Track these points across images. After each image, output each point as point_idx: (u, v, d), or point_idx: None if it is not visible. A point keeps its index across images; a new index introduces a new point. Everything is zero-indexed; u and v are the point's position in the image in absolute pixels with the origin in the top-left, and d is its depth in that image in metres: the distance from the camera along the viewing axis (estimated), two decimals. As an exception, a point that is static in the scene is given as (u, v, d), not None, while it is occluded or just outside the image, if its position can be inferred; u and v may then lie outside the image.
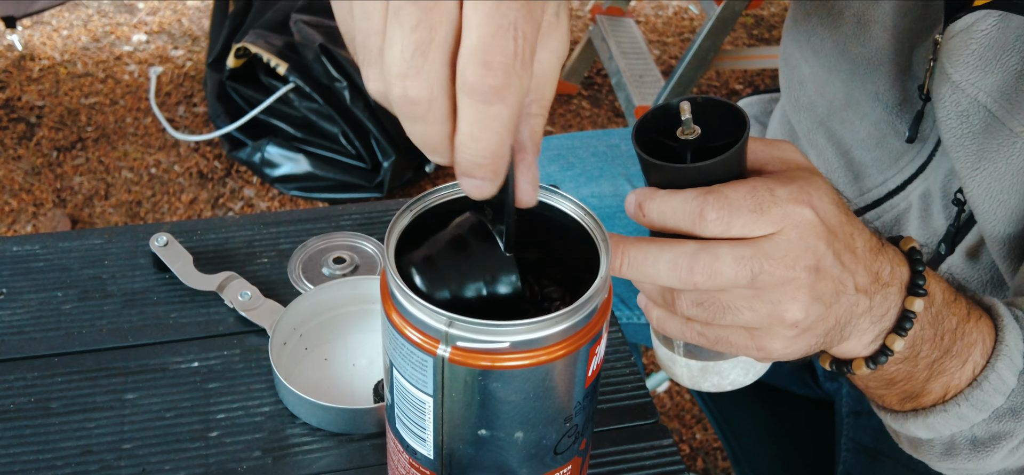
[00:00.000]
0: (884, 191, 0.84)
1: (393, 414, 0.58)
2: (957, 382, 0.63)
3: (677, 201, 0.52)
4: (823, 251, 0.53)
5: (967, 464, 0.66)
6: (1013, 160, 0.70)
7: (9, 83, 2.47)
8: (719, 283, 0.52)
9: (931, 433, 0.65)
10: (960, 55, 0.70)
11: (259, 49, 2.11)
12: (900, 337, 0.58)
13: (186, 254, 0.85)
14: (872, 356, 0.60)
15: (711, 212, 0.51)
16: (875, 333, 0.59)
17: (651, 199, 0.53)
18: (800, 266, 0.52)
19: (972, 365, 0.62)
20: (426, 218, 0.58)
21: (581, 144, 1.14)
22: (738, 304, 0.53)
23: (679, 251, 0.53)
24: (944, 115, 0.72)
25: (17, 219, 2.11)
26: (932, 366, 0.61)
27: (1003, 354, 0.62)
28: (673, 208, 0.52)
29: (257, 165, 2.17)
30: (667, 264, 0.53)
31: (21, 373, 0.77)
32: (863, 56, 0.82)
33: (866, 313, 0.57)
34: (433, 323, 0.51)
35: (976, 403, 0.63)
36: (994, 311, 0.64)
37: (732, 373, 0.62)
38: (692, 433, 1.78)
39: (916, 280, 0.58)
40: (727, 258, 0.52)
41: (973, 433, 0.64)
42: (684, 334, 0.57)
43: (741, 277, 0.52)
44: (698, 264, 0.52)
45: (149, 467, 0.71)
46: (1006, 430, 0.64)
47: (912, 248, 0.59)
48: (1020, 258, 0.73)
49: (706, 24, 2.20)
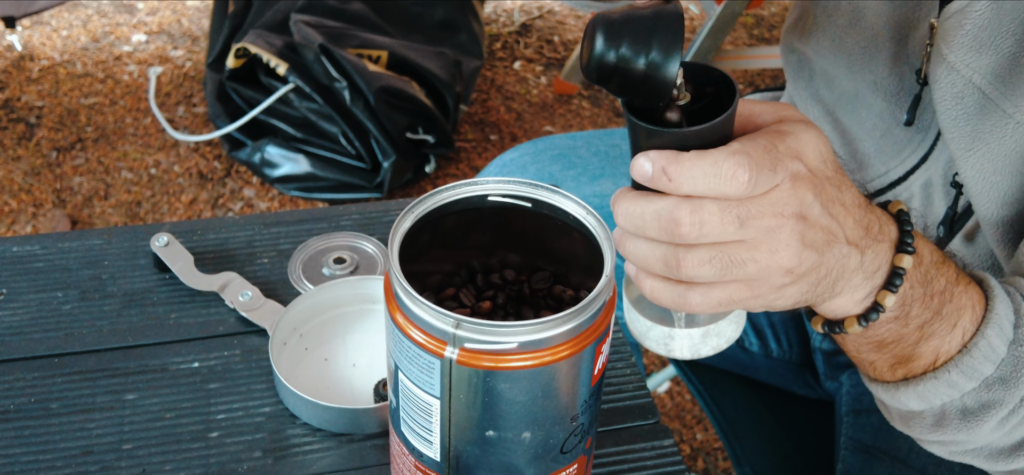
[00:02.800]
0: (887, 180, 0.84)
1: (398, 417, 0.58)
2: (947, 347, 0.63)
3: (708, 165, 0.52)
4: (810, 200, 0.54)
5: (957, 435, 0.66)
6: (1006, 141, 0.71)
7: (8, 83, 2.47)
8: (705, 233, 0.53)
9: (922, 403, 0.65)
10: (955, 36, 0.71)
11: (259, 49, 2.11)
12: (891, 293, 0.59)
13: (187, 254, 0.85)
14: (863, 314, 0.60)
15: (743, 173, 0.52)
16: (867, 290, 0.60)
17: (678, 163, 0.53)
18: (787, 213, 0.54)
19: (961, 331, 0.63)
20: (429, 219, 0.58)
21: (582, 144, 1.14)
22: (743, 256, 0.54)
23: (663, 203, 0.54)
24: (940, 97, 0.73)
25: (17, 220, 2.11)
26: (922, 328, 0.62)
27: (993, 322, 0.63)
28: (705, 172, 0.52)
29: (257, 165, 2.17)
30: (652, 215, 0.54)
31: (21, 374, 0.77)
32: (860, 46, 0.83)
33: (858, 269, 0.58)
34: (440, 325, 0.51)
35: (966, 370, 0.63)
36: (984, 282, 0.65)
37: (728, 330, 0.63)
38: (693, 433, 1.78)
39: (904, 238, 0.60)
40: (712, 207, 0.53)
41: (963, 402, 0.65)
42: (683, 302, 0.57)
43: (728, 225, 0.53)
44: (683, 214, 0.53)
45: (149, 468, 0.71)
46: (995, 399, 0.64)
47: (900, 210, 0.61)
48: (1014, 243, 0.74)
49: (706, 24, 2.20)
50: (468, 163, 2.27)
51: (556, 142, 1.17)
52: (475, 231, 0.61)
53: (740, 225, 0.53)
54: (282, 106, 2.13)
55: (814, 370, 1.03)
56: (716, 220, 0.53)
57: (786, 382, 1.07)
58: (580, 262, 0.59)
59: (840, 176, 0.57)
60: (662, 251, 0.55)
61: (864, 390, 0.94)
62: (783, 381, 1.07)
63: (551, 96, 2.52)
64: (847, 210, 0.57)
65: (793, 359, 1.05)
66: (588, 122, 2.46)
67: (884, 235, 0.59)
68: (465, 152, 2.30)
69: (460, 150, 2.29)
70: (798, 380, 1.06)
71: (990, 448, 0.68)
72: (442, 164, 2.24)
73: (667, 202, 0.54)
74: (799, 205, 0.54)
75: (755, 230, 0.54)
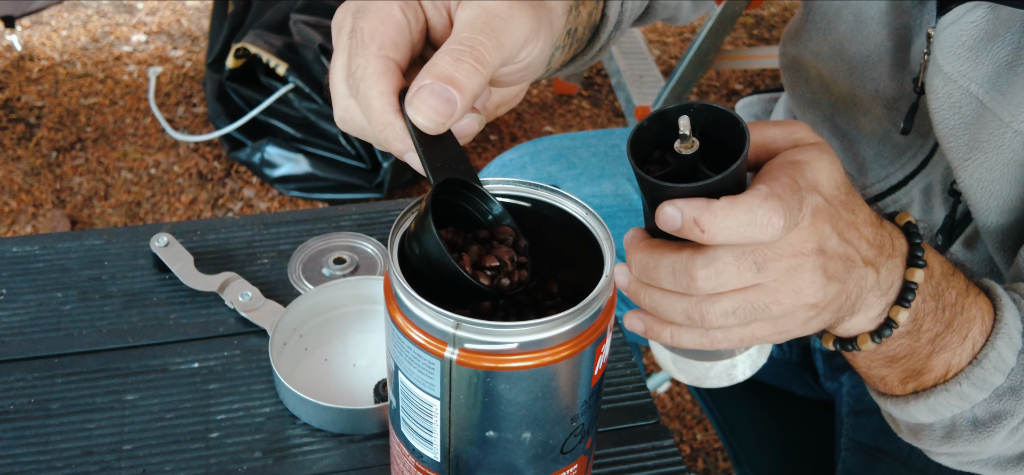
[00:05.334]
0: (887, 186, 0.84)
1: (398, 417, 0.58)
2: (958, 360, 0.63)
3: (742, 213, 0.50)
4: (828, 233, 0.53)
5: (968, 447, 0.66)
6: (1003, 150, 0.70)
7: (8, 84, 2.47)
8: (722, 283, 0.52)
9: (933, 416, 0.65)
10: (951, 47, 0.71)
11: (259, 49, 2.11)
12: (904, 309, 0.59)
13: (187, 255, 0.85)
14: (876, 330, 0.60)
15: (778, 219, 0.50)
16: (881, 307, 0.59)
17: (710, 213, 0.50)
18: (806, 251, 0.53)
19: (971, 342, 0.63)
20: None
21: (582, 144, 1.14)
22: (765, 301, 0.53)
23: (675, 257, 0.53)
24: (937, 107, 0.73)
25: (16, 220, 2.11)
26: (934, 341, 0.62)
27: (1002, 332, 0.63)
28: (739, 220, 0.50)
29: (257, 165, 2.17)
30: (667, 269, 0.53)
31: (21, 374, 0.77)
32: (861, 54, 0.83)
33: (874, 287, 0.58)
34: (440, 325, 0.51)
35: (977, 382, 0.63)
36: (992, 292, 0.65)
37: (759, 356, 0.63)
38: (693, 434, 1.78)
39: (915, 252, 0.59)
40: (727, 257, 0.52)
41: (974, 414, 0.65)
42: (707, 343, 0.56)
43: (745, 272, 0.52)
44: (697, 269, 0.52)
45: (149, 468, 0.71)
46: (1006, 410, 0.64)
47: (908, 223, 0.61)
48: (1014, 250, 0.74)
49: (706, 24, 2.20)
50: (468, 163, 2.27)
51: (556, 142, 1.17)
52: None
53: (758, 270, 0.52)
54: (282, 106, 2.13)
55: (814, 371, 1.03)
56: (732, 270, 0.52)
57: (786, 382, 1.07)
58: (580, 262, 0.59)
59: (852, 197, 0.56)
60: (684, 305, 0.54)
61: (864, 391, 0.94)
62: (783, 382, 1.07)
63: (551, 96, 2.52)
64: (861, 233, 0.56)
65: (793, 360, 1.05)
66: (588, 122, 2.46)
67: (896, 250, 0.59)
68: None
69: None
70: (798, 381, 1.06)
71: (999, 458, 0.68)
72: (442, 164, 2.24)
73: (680, 257, 0.52)
74: (818, 241, 0.53)
75: (774, 272, 0.53)
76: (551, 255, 0.61)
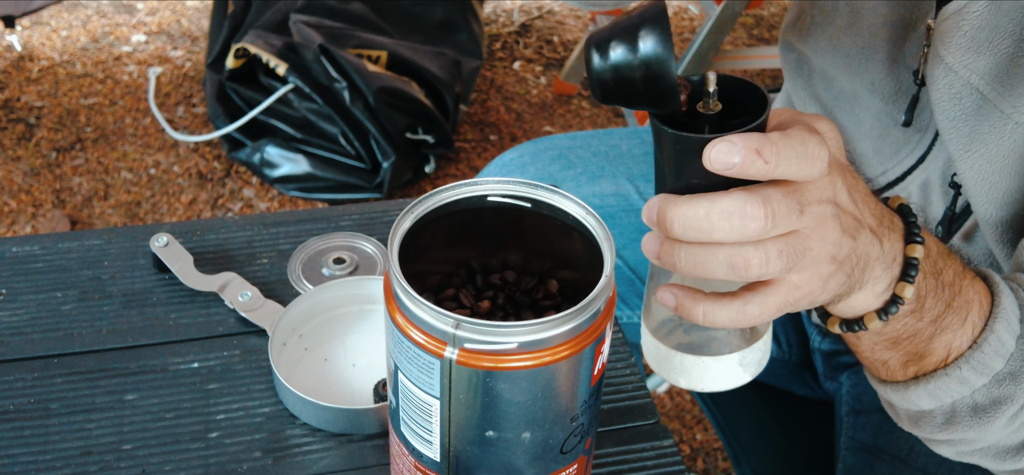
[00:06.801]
0: (885, 180, 0.85)
1: (397, 417, 0.58)
2: (958, 342, 0.64)
3: (797, 144, 0.51)
4: (841, 186, 0.55)
5: (968, 433, 0.67)
6: (1004, 142, 0.71)
7: (8, 84, 2.47)
8: (777, 224, 0.52)
9: (933, 401, 0.66)
10: (953, 37, 0.71)
11: (258, 49, 2.11)
12: (909, 283, 0.59)
13: (186, 255, 0.85)
14: (883, 307, 0.60)
15: (823, 151, 0.52)
16: (887, 281, 0.60)
17: (770, 143, 0.50)
18: (826, 199, 0.54)
19: (971, 325, 0.63)
20: (428, 220, 0.58)
21: (582, 144, 1.14)
22: (802, 246, 0.53)
23: (730, 199, 0.52)
24: (938, 98, 0.74)
25: (16, 220, 2.11)
26: (936, 322, 0.62)
27: (1000, 316, 0.63)
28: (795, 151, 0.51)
29: (256, 165, 2.17)
30: (721, 215, 0.51)
31: (21, 374, 0.77)
32: (857, 46, 0.83)
33: (880, 258, 0.58)
34: (440, 325, 0.51)
35: (977, 366, 0.63)
36: (988, 278, 0.65)
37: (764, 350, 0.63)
38: (692, 433, 1.78)
39: (912, 229, 0.60)
40: (778, 195, 0.52)
41: (974, 399, 0.65)
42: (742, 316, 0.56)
43: (792, 213, 0.52)
44: (756, 207, 0.51)
45: (149, 468, 0.71)
46: (1006, 395, 0.64)
47: (901, 204, 0.62)
48: (1013, 243, 0.74)
49: (706, 24, 2.20)
50: (468, 163, 2.27)
51: (555, 142, 1.17)
52: (475, 231, 0.61)
53: (801, 213, 0.52)
54: (282, 106, 2.13)
55: (813, 370, 1.03)
56: (783, 209, 0.52)
57: (786, 382, 1.08)
58: (580, 262, 0.59)
59: (853, 170, 0.58)
60: (727, 253, 0.52)
61: (864, 390, 0.94)
62: (783, 381, 1.07)
63: (551, 96, 2.52)
64: (864, 200, 0.57)
65: (793, 359, 1.05)
66: (588, 122, 2.46)
67: (894, 226, 0.60)
68: (465, 152, 2.30)
69: (460, 150, 2.29)
70: (798, 380, 1.06)
71: (998, 447, 0.68)
72: (442, 164, 2.24)
73: (735, 198, 0.51)
74: (833, 192, 0.55)
75: (810, 217, 0.53)
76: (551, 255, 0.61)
